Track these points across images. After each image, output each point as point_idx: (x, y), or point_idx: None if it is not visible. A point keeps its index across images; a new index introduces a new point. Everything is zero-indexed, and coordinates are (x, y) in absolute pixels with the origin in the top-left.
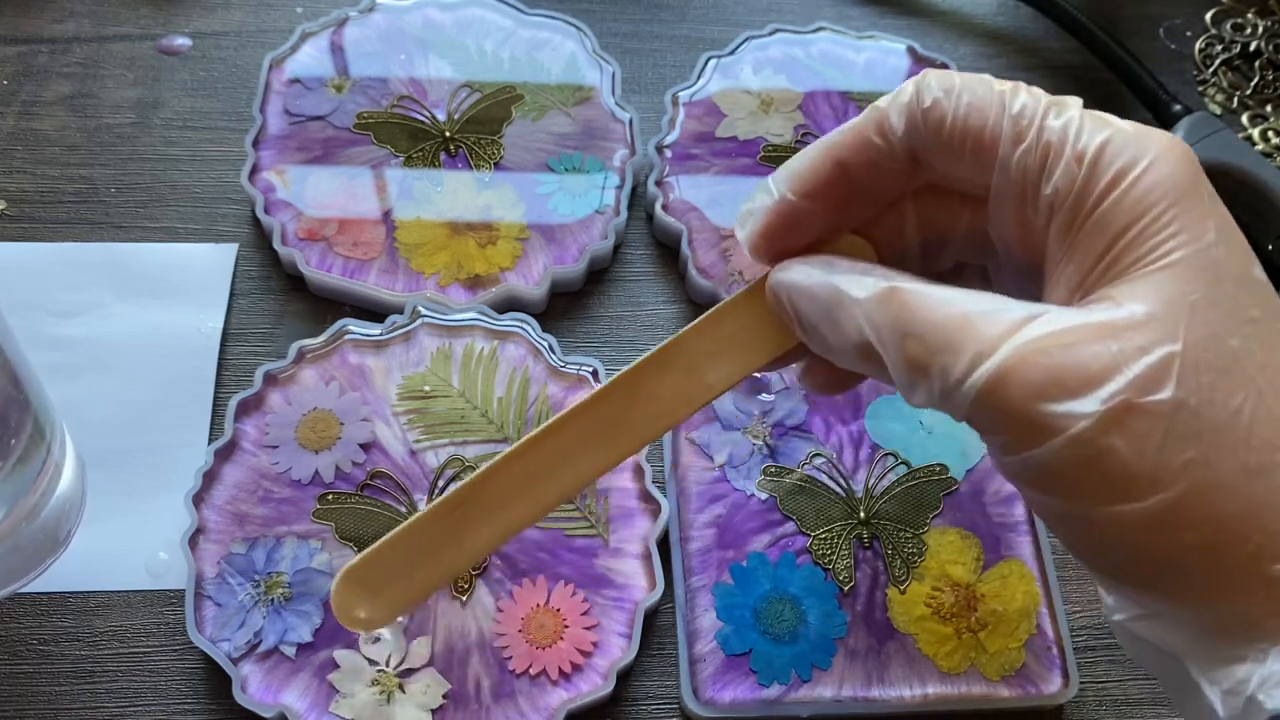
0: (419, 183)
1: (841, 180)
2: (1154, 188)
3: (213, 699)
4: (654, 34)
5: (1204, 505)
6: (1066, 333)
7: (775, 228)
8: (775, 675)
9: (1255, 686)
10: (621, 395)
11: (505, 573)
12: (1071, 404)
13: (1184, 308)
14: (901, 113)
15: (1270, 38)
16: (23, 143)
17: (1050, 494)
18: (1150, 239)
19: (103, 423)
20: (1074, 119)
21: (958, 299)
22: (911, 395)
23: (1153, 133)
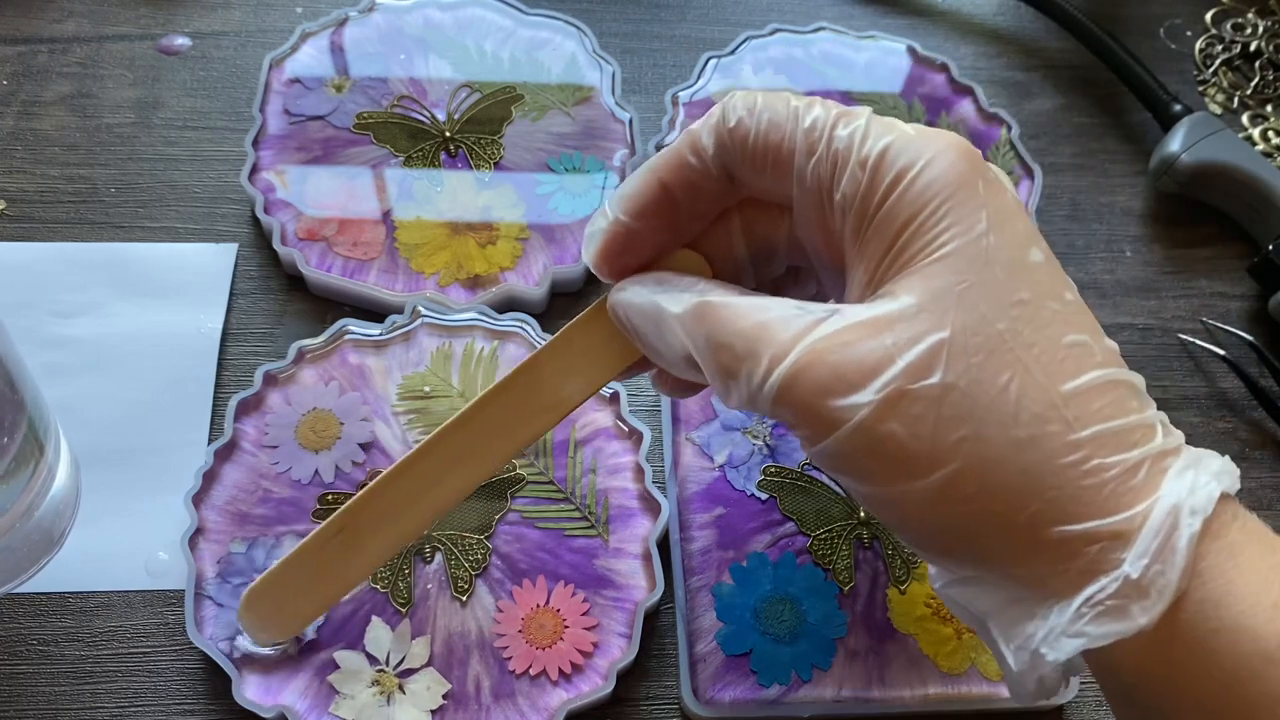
0: (419, 183)
1: (666, 200)
2: (929, 185)
3: (213, 699)
4: (654, 34)
5: (980, 478)
6: (847, 330)
7: (613, 248)
8: (775, 675)
9: (1039, 640)
10: (485, 416)
11: (505, 573)
12: (852, 397)
13: (952, 296)
14: (711, 133)
15: (1270, 38)
16: (23, 143)
17: (849, 479)
18: (926, 234)
19: (102, 422)
20: (859, 127)
21: (761, 308)
22: (726, 399)
23: (933, 133)
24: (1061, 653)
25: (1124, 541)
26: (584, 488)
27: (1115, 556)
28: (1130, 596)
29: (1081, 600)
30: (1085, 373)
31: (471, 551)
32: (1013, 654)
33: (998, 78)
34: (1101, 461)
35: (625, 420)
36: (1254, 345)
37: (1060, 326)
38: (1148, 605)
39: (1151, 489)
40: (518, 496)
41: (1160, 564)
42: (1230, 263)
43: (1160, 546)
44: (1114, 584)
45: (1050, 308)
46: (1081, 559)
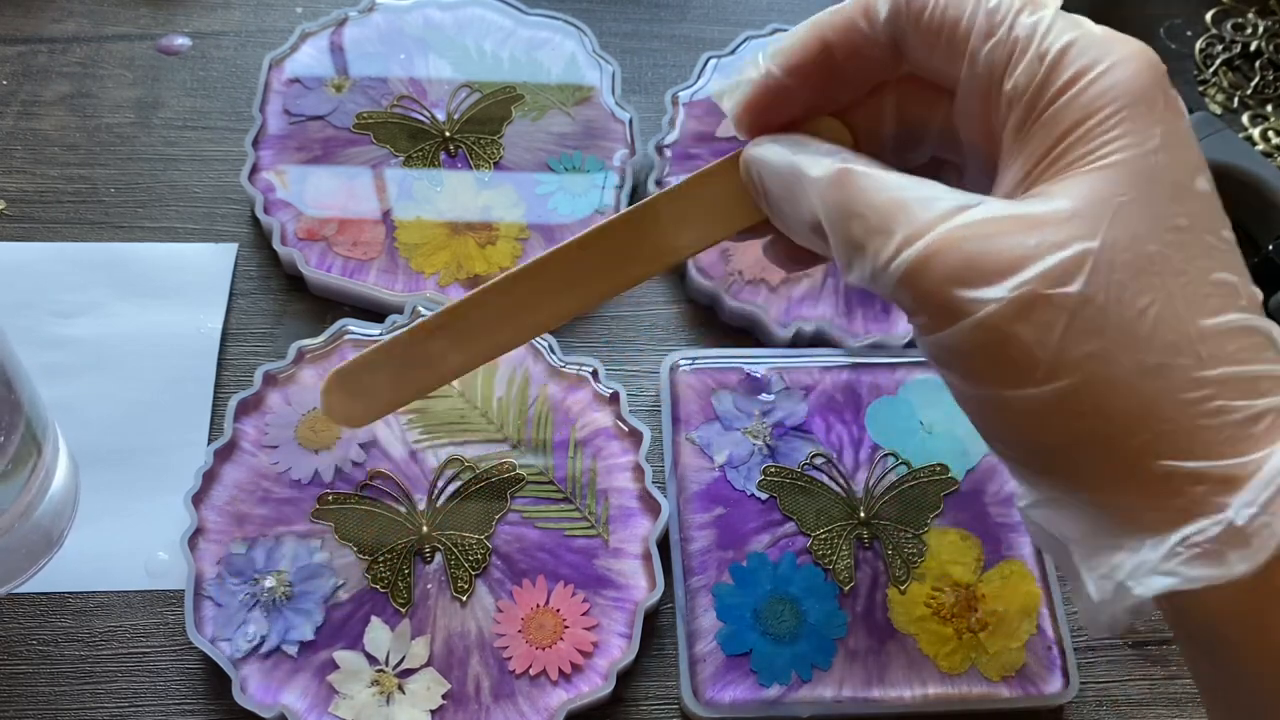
0: (419, 183)
1: (825, 60)
2: (1107, 91)
3: (213, 699)
4: (654, 34)
5: (1098, 397)
6: (991, 222)
7: (759, 101)
8: (775, 675)
9: (1126, 574)
10: (595, 247)
11: (505, 573)
12: (983, 290)
13: (1110, 208)
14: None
15: (1270, 38)
16: (22, 143)
17: (959, 375)
18: (1094, 140)
19: (102, 422)
20: (1045, 18)
21: (902, 185)
22: (848, 273)
23: (1121, 39)
24: (1149, 589)
25: (1232, 487)
26: (584, 488)
27: (1220, 500)
28: (1230, 543)
29: (1178, 539)
30: (1228, 313)
31: (471, 551)
32: (1095, 583)
33: None
34: (1226, 404)
35: (625, 420)
36: None
37: (1211, 261)
38: (1248, 554)
39: (1271, 441)
40: (518, 496)
41: (1268, 516)
42: None
43: (1271, 498)
44: (1216, 528)
45: (1206, 240)
46: (1184, 497)
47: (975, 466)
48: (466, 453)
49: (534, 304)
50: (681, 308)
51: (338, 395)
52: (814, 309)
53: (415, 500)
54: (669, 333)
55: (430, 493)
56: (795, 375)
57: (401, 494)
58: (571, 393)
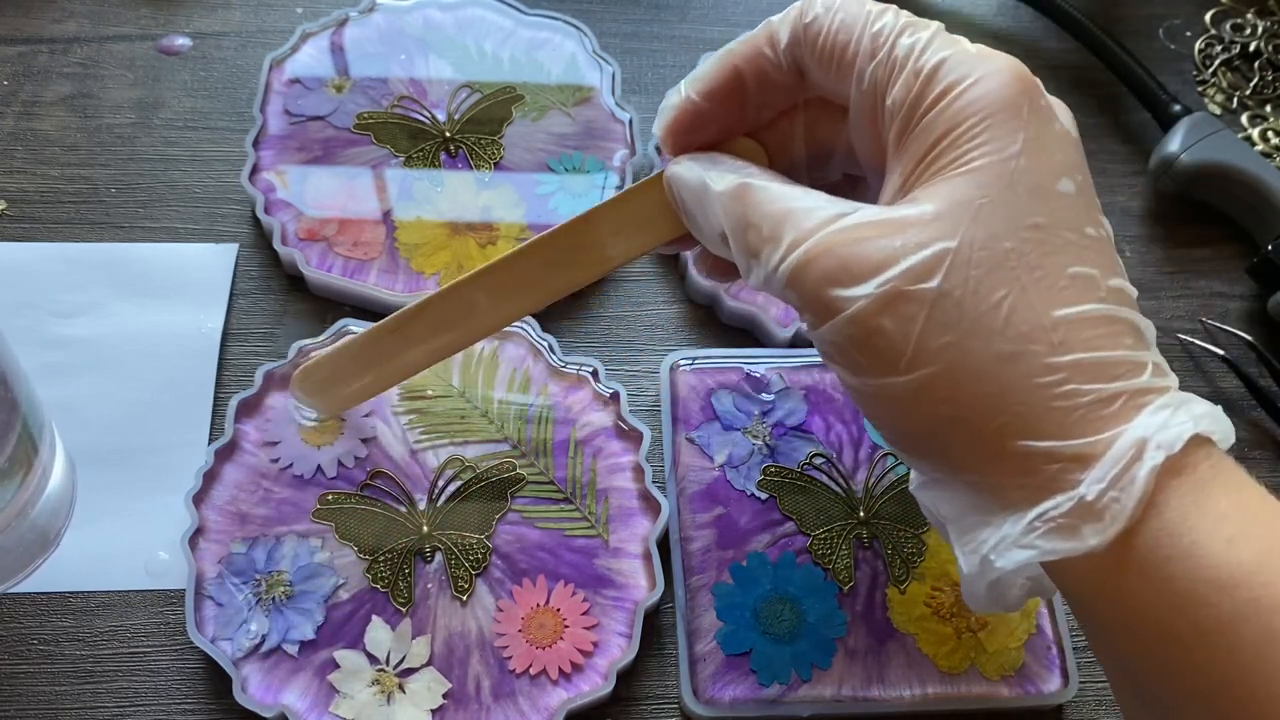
0: (419, 183)
1: (737, 84)
2: (974, 101)
3: (213, 699)
4: (654, 34)
5: (956, 384)
6: (863, 227)
7: (680, 124)
8: (775, 675)
9: (990, 548)
10: (532, 257)
11: (505, 573)
12: (854, 289)
13: (970, 209)
14: (788, 26)
15: (1270, 38)
16: (23, 143)
17: (839, 366)
18: (960, 147)
19: (102, 422)
20: (922, 39)
21: (791, 196)
22: (747, 277)
23: (991, 54)
24: (1009, 561)
25: (1084, 465)
26: (584, 488)
27: (1073, 478)
28: (1083, 517)
29: (1035, 514)
30: (1082, 303)
31: (471, 551)
32: (965, 557)
33: None
34: (1076, 387)
35: (625, 420)
36: (1253, 345)
37: (1069, 257)
38: (1099, 528)
39: (1122, 421)
40: (518, 496)
41: (1117, 490)
42: (1229, 263)
43: (1119, 474)
44: (1068, 503)
45: (1064, 237)
46: (1040, 475)
47: None
48: (467, 453)
49: (479, 308)
50: (681, 308)
51: (303, 388)
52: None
53: (416, 500)
54: (669, 333)
55: (430, 493)
56: (795, 375)
57: (402, 494)
58: (572, 393)
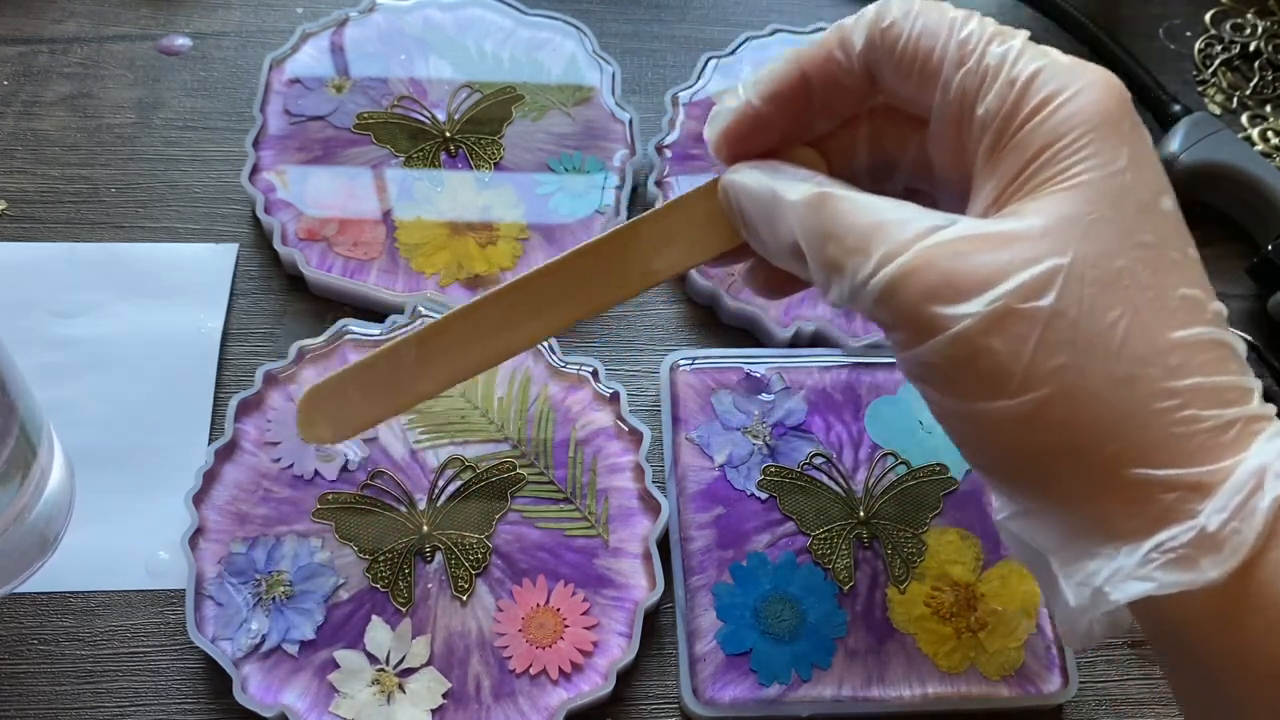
0: (419, 183)
1: (803, 90)
2: (1075, 114)
3: (213, 699)
4: (654, 34)
5: (1069, 408)
6: (965, 240)
7: (738, 130)
8: (775, 675)
9: (1103, 579)
10: (572, 270)
11: (505, 573)
12: (958, 306)
13: (1080, 225)
14: (863, 30)
15: (1270, 38)
16: (23, 143)
17: (936, 390)
18: (1063, 161)
19: (103, 422)
20: (1014, 47)
21: (879, 207)
22: (827, 293)
23: (1087, 66)
24: (1125, 594)
25: (1203, 494)
26: (584, 488)
27: (1191, 507)
28: (1203, 549)
29: (1152, 545)
30: (1193, 326)
31: (471, 551)
32: (1073, 590)
33: None
34: (1196, 413)
35: (625, 420)
36: (1254, 345)
37: (1177, 277)
38: (1219, 559)
39: (1240, 449)
40: (518, 496)
41: (1238, 521)
42: (1230, 263)
43: (1240, 504)
44: (1188, 534)
45: (1171, 256)
46: (1156, 505)
47: None
48: (467, 453)
49: (509, 325)
50: (681, 308)
51: (309, 412)
52: (814, 309)
53: (416, 500)
54: (669, 333)
55: (431, 492)
56: (795, 375)
57: (402, 494)
58: (572, 393)
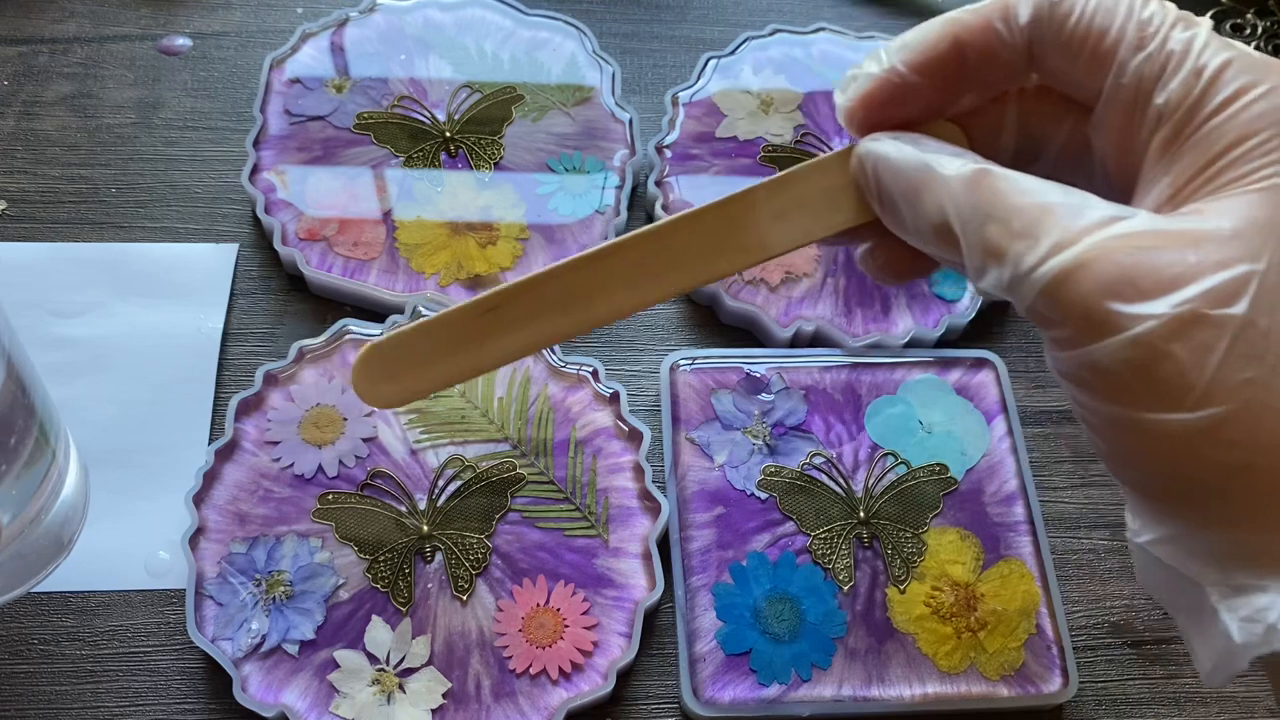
0: (419, 183)
1: (955, 61)
2: (1268, 112)
3: (213, 699)
4: (654, 34)
5: (1252, 426)
6: (1149, 235)
7: (877, 97)
8: (775, 675)
9: (1277, 616)
10: (677, 236)
11: (505, 573)
12: (1141, 305)
13: (1274, 230)
14: (1030, 3)
15: (1270, 38)
16: (23, 143)
17: (1100, 395)
18: (1253, 160)
19: (103, 422)
20: (1200, 35)
21: (1047, 190)
22: (981, 278)
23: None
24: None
25: None
26: (584, 488)
27: None
28: None
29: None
30: None
31: (472, 551)
32: (1238, 626)
33: None
34: None
35: (625, 420)
36: None
37: None
38: None
39: None
40: (518, 496)
41: None
42: None
43: None
44: None
45: None
46: None
47: (974, 466)
48: (467, 452)
49: (597, 292)
50: (681, 308)
51: (370, 372)
52: (814, 309)
53: (416, 500)
54: (669, 333)
55: (431, 492)
56: (795, 375)
57: (402, 493)
58: (572, 393)
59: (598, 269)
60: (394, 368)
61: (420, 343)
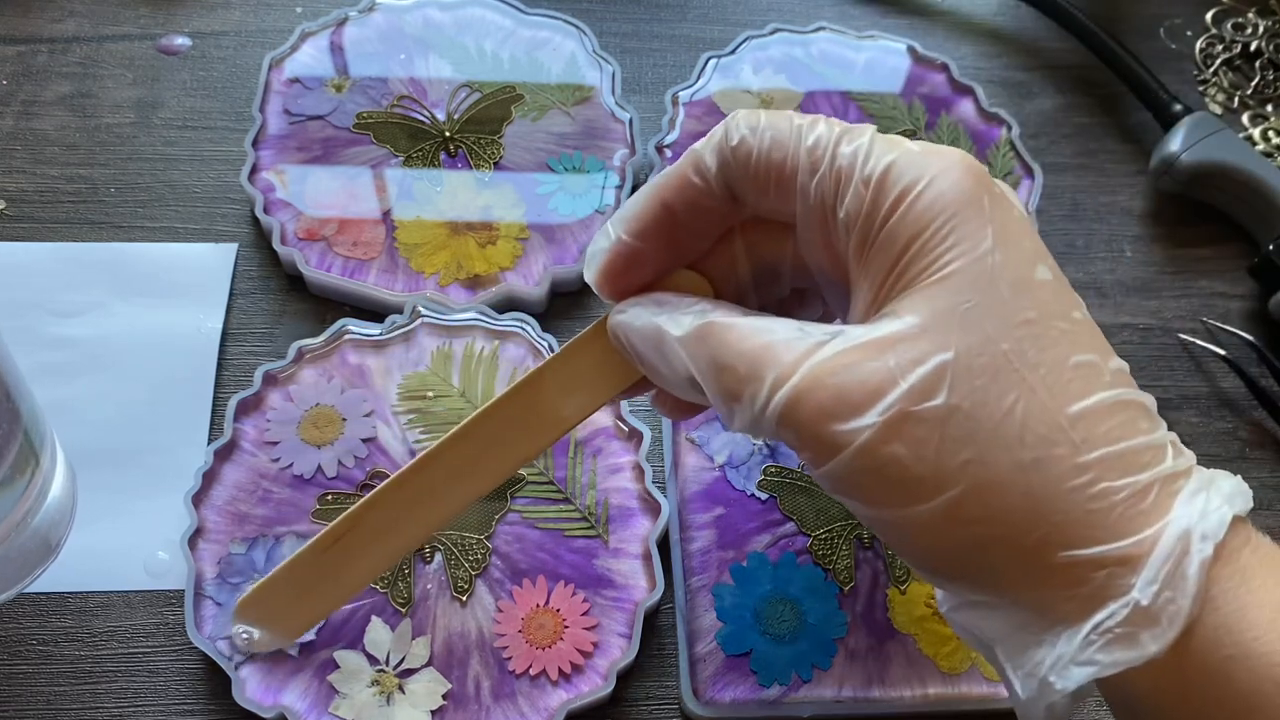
0: (419, 183)
1: (668, 219)
2: (934, 203)
3: (213, 699)
4: (654, 34)
5: (985, 502)
6: (849, 352)
7: (614, 268)
8: (775, 676)
9: (1048, 668)
10: (483, 431)
11: (505, 573)
12: (855, 420)
13: (956, 316)
14: (714, 152)
15: (1271, 37)
16: (22, 142)
17: (853, 500)
18: (930, 253)
19: (102, 422)
20: (863, 145)
21: (764, 329)
22: (730, 422)
23: (937, 150)
24: (1071, 681)
25: (1133, 567)
26: (584, 488)
27: (1124, 582)
28: (1140, 624)
29: (1090, 627)
30: (1093, 394)
31: (471, 551)
32: (1020, 681)
33: (998, 78)
34: (1109, 485)
35: (625, 420)
36: (1254, 345)
37: (1067, 346)
38: (1158, 633)
39: (1161, 513)
40: (517, 496)
41: (1171, 590)
42: (1230, 263)
43: (1170, 572)
44: (1124, 610)
45: (1057, 327)
46: (1090, 585)
47: None
48: None
49: (428, 498)
50: None
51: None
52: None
53: None
54: None
55: None
56: None
57: None
58: None
59: (421, 481)
60: (268, 614)
61: (286, 586)
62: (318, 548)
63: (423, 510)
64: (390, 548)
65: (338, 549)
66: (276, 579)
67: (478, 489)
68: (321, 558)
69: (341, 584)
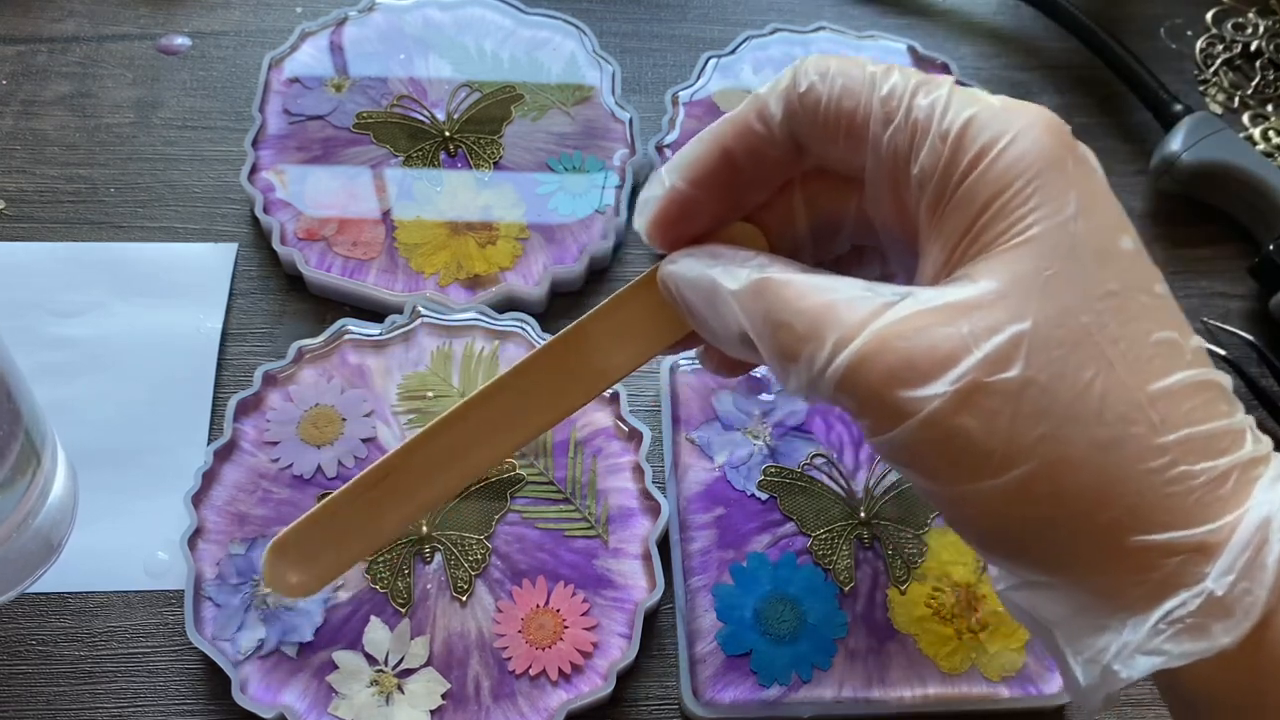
0: (419, 183)
1: (728, 167)
2: (1016, 162)
3: (212, 699)
4: (654, 34)
5: (1058, 480)
6: (920, 315)
7: (668, 216)
8: (775, 676)
9: (1112, 656)
10: (526, 380)
11: (505, 573)
12: (924, 387)
13: (1036, 284)
14: (780, 98)
15: (1271, 37)
16: (22, 142)
17: (915, 473)
18: (1010, 214)
19: (102, 422)
20: (941, 97)
21: (825, 287)
22: (785, 382)
23: (1019, 107)
24: (1136, 670)
25: (1208, 555)
26: (584, 488)
27: (1198, 570)
28: (1213, 614)
29: (1160, 616)
30: (1174, 372)
31: (471, 551)
32: (1082, 667)
33: (998, 78)
34: (1188, 468)
35: (625, 420)
36: (1254, 345)
37: (1149, 322)
38: (1231, 625)
39: (1240, 500)
40: (517, 497)
41: (1248, 581)
42: (1230, 263)
43: (1248, 562)
44: (1196, 600)
45: (1139, 301)
46: (1161, 571)
47: None
48: None
49: (471, 446)
50: None
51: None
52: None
53: None
54: None
55: None
56: None
57: None
58: None
59: (467, 424)
60: (303, 556)
61: (324, 526)
62: (355, 491)
63: (462, 459)
64: (428, 494)
65: (376, 492)
66: (309, 523)
67: (515, 440)
68: (359, 501)
69: (378, 529)
